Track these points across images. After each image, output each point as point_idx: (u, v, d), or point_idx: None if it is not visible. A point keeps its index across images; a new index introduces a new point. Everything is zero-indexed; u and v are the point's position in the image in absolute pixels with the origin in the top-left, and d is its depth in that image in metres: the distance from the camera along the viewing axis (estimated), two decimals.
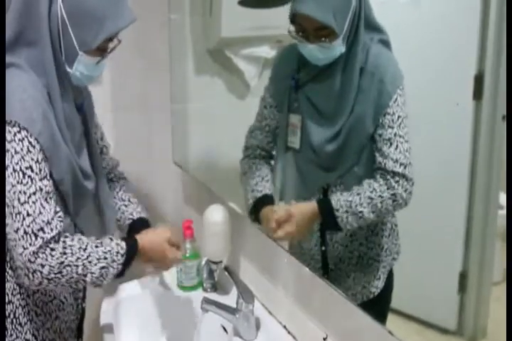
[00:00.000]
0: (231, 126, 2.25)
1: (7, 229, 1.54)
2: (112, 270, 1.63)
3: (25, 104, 1.55)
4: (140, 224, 1.92)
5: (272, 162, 2.01)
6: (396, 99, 1.66)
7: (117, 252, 1.65)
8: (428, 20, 1.61)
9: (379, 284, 1.80)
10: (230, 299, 1.97)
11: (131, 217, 1.95)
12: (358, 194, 1.70)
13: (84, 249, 1.60)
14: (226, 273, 2.00)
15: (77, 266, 1.57)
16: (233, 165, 2.29)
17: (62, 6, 1.58)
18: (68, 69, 1.65)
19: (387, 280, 1.81)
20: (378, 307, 1.77)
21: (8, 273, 1.70)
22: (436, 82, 1.61)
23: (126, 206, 1.96)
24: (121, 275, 1.68)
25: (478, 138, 1.51)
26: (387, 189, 1.67)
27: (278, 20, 1.77)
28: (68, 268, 1.56)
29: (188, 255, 2.11)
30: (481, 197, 1.53)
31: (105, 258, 1.62)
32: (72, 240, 1.59)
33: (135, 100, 2.68)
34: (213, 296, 2.03)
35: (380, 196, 1.67)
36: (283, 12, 1.76)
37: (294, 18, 1.73)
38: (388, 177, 1.67)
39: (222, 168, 2.27)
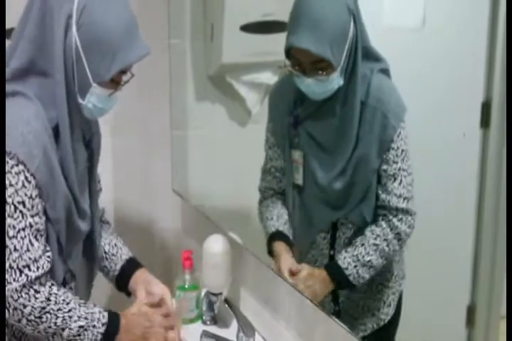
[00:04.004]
0: (232, 154, 2.24)
1: None
2: (90, 335, 1.59)
3: (26, 138, 1.52)
4: (133, 265, 1.88)
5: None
6: (400, 133, 1.66)
7: (98, 319, 1.61)
8: (433, 46, 1.60)
9: (389, 311, 1.80)
10: (230, 332, 1.93)
11: (125, 257, 1.90)
12: (363, 244, 1.71)
13: (68, 303, 1.58)
14: (226, 305, 1.97)
15: (57, 316, 1.56)
16: (234, 194, 2.26)
17: (77, 35, 1.55)
18: (80, 101, 1.61)
19: (397, 306, 1.81)
20: (387, 334, 1.79)
21: None
22: (443, 109, 1.60)
23: (121, 249, 1.92)
24: None
25: (486, 166, 1.51)
26: (391, 230, 1.69)
27: (280, 45, 1.76)
28: (48, 316, 1.55)
29: (187, 286, 2.08)
30: (489, 230, 1.52)
31: (86, 318, 1.59)
32: (58, 290, 1.58)
33: (134, 126, 2.66)
34: (213, 329, 2.00)
35: (385, 239, 1.69)
36: (285, 38, 1.75)
37: (290, 52, 1.71)
38: (391, 217, 1.68)
39: (223, 197, 2.25)
